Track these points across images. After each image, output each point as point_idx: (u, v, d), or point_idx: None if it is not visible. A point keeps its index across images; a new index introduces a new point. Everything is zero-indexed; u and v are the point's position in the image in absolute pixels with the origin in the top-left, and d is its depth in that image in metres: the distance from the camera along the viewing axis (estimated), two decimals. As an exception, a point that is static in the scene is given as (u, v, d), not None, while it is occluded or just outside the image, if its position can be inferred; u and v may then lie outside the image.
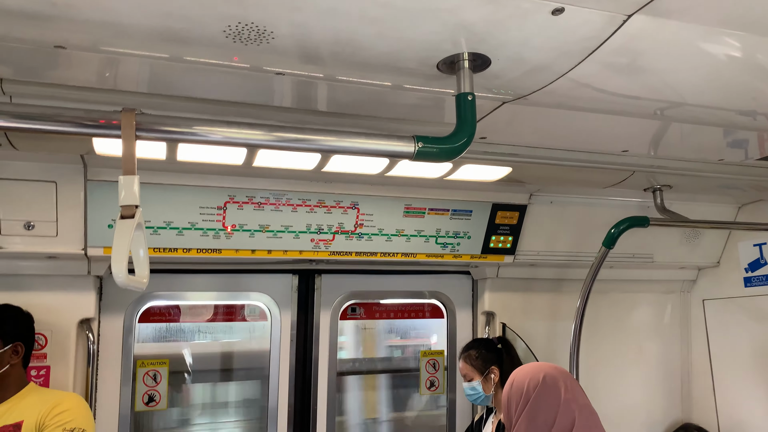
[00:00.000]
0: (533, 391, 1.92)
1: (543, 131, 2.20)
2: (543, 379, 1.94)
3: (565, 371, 2.03)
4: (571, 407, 1.88)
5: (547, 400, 1.90)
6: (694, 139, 2.31)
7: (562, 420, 1.86)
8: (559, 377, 1.97)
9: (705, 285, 3.69)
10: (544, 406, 1.89)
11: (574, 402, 1.90)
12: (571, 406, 1.89)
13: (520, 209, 3.05)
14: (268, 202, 2.67)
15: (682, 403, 3.74)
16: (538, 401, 1.90)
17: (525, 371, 2.02)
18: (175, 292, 3.07)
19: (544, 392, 1.91)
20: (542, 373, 1.97)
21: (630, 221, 2.72)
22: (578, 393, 1.96)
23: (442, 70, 1.56)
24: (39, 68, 1.61)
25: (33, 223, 2.38)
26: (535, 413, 1.89)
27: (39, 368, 2.61)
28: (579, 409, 1.89)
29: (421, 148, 1.56)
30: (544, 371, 1.98)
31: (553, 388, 1.92)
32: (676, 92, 1.81)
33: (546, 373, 1.97)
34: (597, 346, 3.45)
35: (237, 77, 1.67)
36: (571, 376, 2.02)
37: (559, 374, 1.99)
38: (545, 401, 1.90)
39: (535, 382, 1.94)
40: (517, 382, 1.99)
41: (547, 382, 1.93)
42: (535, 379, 1.95)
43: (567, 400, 1.90)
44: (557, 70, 1.62)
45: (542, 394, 1.91)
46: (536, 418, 1.88)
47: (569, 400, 1.90)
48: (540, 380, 1.94)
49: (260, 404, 3.22)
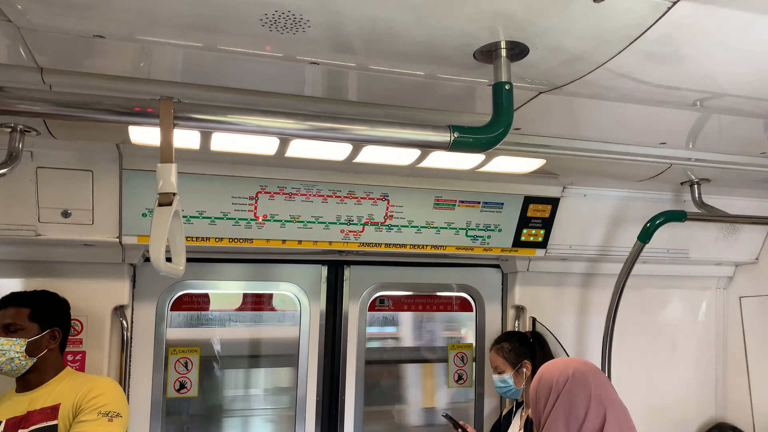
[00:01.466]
0: (563, 387, 1.89)
1: (579, 122, 2.16)
2: (572, 375, 1.91)
3: (594, 366, 2.00)
4: (602, 403, 1.85)
5: (577, 396, 1.86)
6: (735, 131, 2.25)
7: (593, 416, 1.83)
8: (589, 372, 1.93)
9: (742, 282, 3.60)
10: (575, 401, 1.86)
11: (605, 397, 1.87)
12: (602, 401, 1.85)
13: (553, 202, 3.01)
14: (299, 193, 2.68)
15: (717, 401, 3.66)
16: (568, 397, 1.87)
17: (554, 366, 1.99)
18: (207, 281, 3.10)
19: (574, 388, 1.88)
20: (571, 369, 1.93)
21: (666, 215, 2.66)
22: (608, 388, 1.92)
23: (479, 59, 1.54)
24: (78, 58, 1.63)
25: (70, 211, 2.43)
26: (566, 409, 1.85)
27: (75, 353, 2.68)
28: (610, 404, 1.86)
29: (456, 138, 1.54)
30: (573, 366, 1.95)
31: (583, 383, 1.89)
32: (717, 82, 1.76)
33: (575, 369, 1.93)
34: (629, 342, 3.39)
35: (271, 66, 1.67)
36: (600, 372, 1.98)
37: (588, 369, 1.95)
38: (575, 397, 1.86)
39: (565, 378, 1.90)
40: (545, 377, 1.96)
41: (576, 377, 1.90)
42: (565, 375, 1.91)
43: (598, 395, 1.86)
44: (596, 59, 1.58)
45: (572, 389, 1.88)
46: (567, 415, 1.85)
47: (600, 396, 1.86)
48: (569, 375, 1.91)
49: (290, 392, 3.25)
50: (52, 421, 2.26)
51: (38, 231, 2.41)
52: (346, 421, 3.20)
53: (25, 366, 2.31)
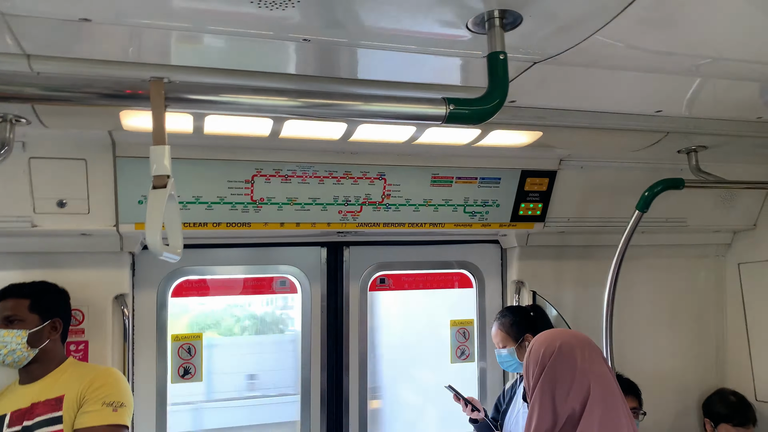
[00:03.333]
0: (549, 360, 1.87)
1: (574, 93, 2.14)
2: (559, 348, 1.88)
3: (585, 339, 1.97)
4: (586, 376, 1.82)
5: (562, 369, 1.85)
6: (731, 96, 2.23)
7: (578, 389, 1.81)
8: (576, 345, 1.91)
9: (741, 248, 3.60)
10: (560, 375, 1.84)
11: (591, 371, 1.84)
12: (587, 375, 1.83)
13: (550, 175, 3.00)
14: (295, 175, 2.66)
15: (717, 368, 3.69)
16: (554, 370, 1.85)
17: (542, 339, 1.97)
18: (206, 267, 3.10)
19: (560, 361, 1.86)
20: (559, 341, 1.91)
21: (664, 183, 2.65)
22: (596, 362, 1.89)
23: (473, 30, 1.52)
24: (65, 43, 1.60)
25: (65, 200, 2.41)
26: (551, 382, 1.84)
27: (78, 343, 2.68)
28: (595, 378, 1.83)
29: (452, 110, 1.52)
30: (561, 339, 1.93)
31: (568, 356, 1.86)
32: (712, 46, 1.74)
33: (563, 341, 1.91)
34: (630, 312, 3.41)
35: (262, 45, 1.64)
36: (591, 344, 1.95)
37: (577, 342, 1.93)
38: (560, 370, 1.85)
39: (551, 351, 1.89)
40: (534, 349, 1.95)
41: (563, 350, 1.88)
42: (551, 348, 1.89)
43: (583, 369, 1.84)
44: (590, 26, 1.56)
45: (557, 362, 1.86)
46: (552, 387, 1.84)
47: (585, 370, 1.84)
48: (556, 348, 1.89)
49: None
50: (57, 413, 2.26)
51: (34, 222, 2.40)
52: (351, 400, 3.22)
53: (27, 357, 2.31)
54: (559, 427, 1.81)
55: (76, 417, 2.26)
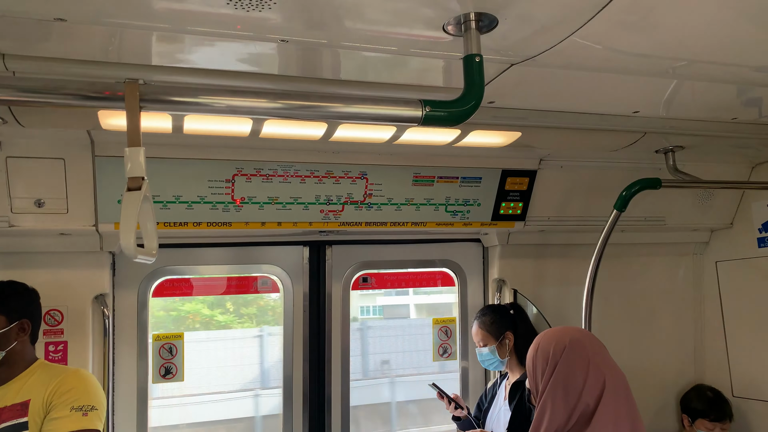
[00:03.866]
0: (561, 355, 1.84)
1: (552, 94, 2.16)
2: (569, 343, 1.86)
3: (589, 333, 1.97)
4: (600, 370, 1.81)
5: (575, 364, 1.82)
6: (707, 97, 2.26)
7: (592, 383, 1.79)
8: (585, 340, 1.90)
9: (718, 247, 3.66)
10: (573, 370, 1.82)
11: (603, 364, 1.84)
12: (600, 368, 1.82)
13: (530, 175, 3.02)
14: (276, 174, 2.66)
15: (695, 364, 3.74)
16: (566, 366, 1.83)
17: (549, 335, 1.95)
18: (188, 266, 3.09)
19: (572, 356, 1.84)
20: (568, 337, 1.89)
21: (641, 183, 2.68)
22: (605, 355, 1.89)
23: (449, 32, 1.53)
24: (41, 42, 1.59)
25: (43, 200, 2.39)
26: (564, 378, 1.82)
27: (57, 343, 2.65)
28: (608, 371, 1.83)
29: (428, 112, 1.54)
30: (569, 334, 1.91)
31: (580, 351, 1.85)
32: (688, 49, 1.77)
33: (572, 337, 1.90)
34: (609, 310, 3.44)
35: (241, 46, 1.64)
36: (596, 339, 1.94)
37: (585, 337, 1.92)
38: (573, 365, 1.82)
39: (562, 346, 1.86)
40: (542, 347, 1.92)
41: (573, 345, 1.86)
42: (561, 343, 1.87)
43: (596, 363, 1.83)
44: (566, 29, 1.58)
45: (569, 358, 1.83)
46: (565, 383, 1.81)
47: (598, 363, 1.83)
48: (567, 344, 1.86)
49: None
50: (23, 418, 2.14)
51: (12, 222, 2.37)
52: (333, 399, 3.23)
53: None
54: (572, 424, 1.79)
55: (43, 423, 2.14)
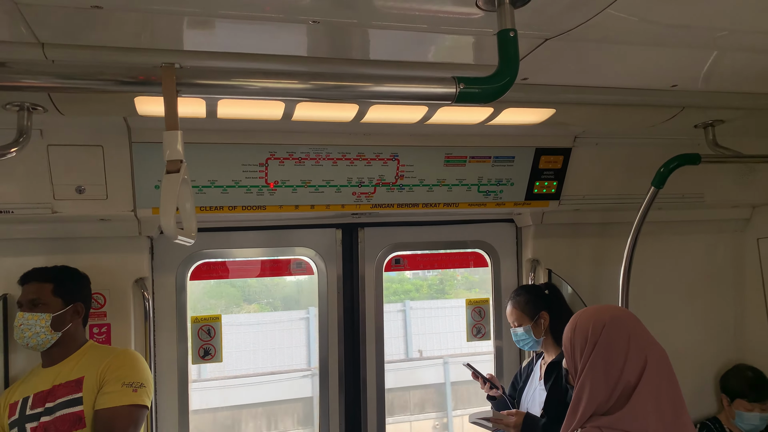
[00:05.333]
0: (600, 334, 1.83)
1: (587, 69, 2.12)
2: (610, 320, 1.85)
3: (628, 311, 1.95)
4: (641, 347, 1.80)
5: (615, 342, 1.81)
6: (749, 69, 2.19)
7: (633, 361, 1.78)
8: (625, 317, 1.89)
9: (760, 223, 3.56)
10: (614, 347, 1.80)
11: (644, 341, 1.83)
12: (641, 346, 1.81)
13: (565, 152, 2.98)
14: (308, 157, 2.67)
15: (736, 344, 3.66)
16: (607, 343, 1.81)
17: (588, 314, 1.94)
18: (223, 250, 3.14)
19: (613, 333, 1.82)
20: (607, 315, 1.88)
21: (680, 159, 2.62)
22: (645, 332, 1.87)
23: (482, 7, 1.51)
24: (78, 30, 1.62)
25: (83, 186, 2.45)
26: (605, 356, 1.80)
27: (100, 326, 2.74)
28: (650, 348, 1.82)
29: (462, 89, 1.52)
30: (609, 312, 1.90)
31: (620, 328, 1.83)
32: (729, 18, 1.71)
33: (612, 314, 1.88)
34: (647, 289, 3.39)
35: (272, 28, 1.64)
36: (634, 316, 1.92)
37: (624, 314, 1.91)
38: (614, 342, 1.81)
39: (601, 324, 1.85)
40: (580, 325, 1.90)
41: (614, 322, 1.85)
42: (601, 321, 1.86)
43: (636, 339, 1.82)
44: (602, 1, 1.54)
45: (610, 335, 1.82)
46: (605, 362, 1.80)
47: (639, 340, 1.82)
48: (606, 322, 1.85)
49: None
50: (77, 394, 2.32)
51: (54, 208, 2.44)
52: (368, 380, 3.26)
53: (50, 340, 2.37)
54: (613, 401, 1.78)
55: (96, 398, 2.31)
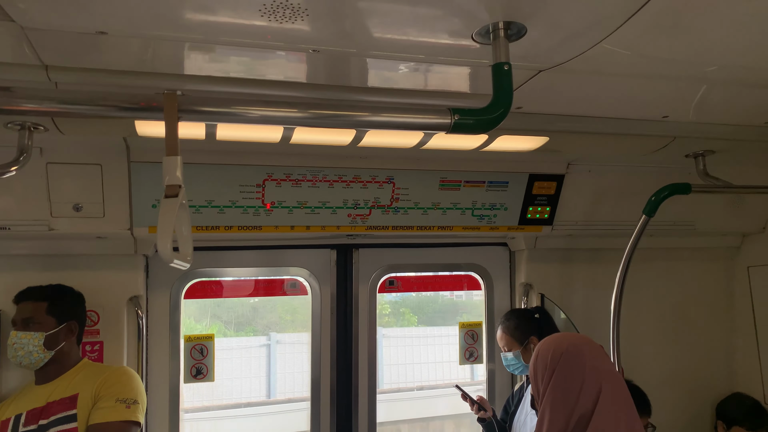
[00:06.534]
0: (558, 361, 1.90)
1: (580, 99, 2.16)
2: (567, 349, 1.92)
3: (588, 339, 2.01)
4: (597, 375, 1.86)
5: (572, 370, 1.88)
6: (739, 101, 2.24)
7: (588, 388, 1.84)
8: (583, 345, 1.95)
9: (750, 251, 3.60)
10: (570, 375, 1.87)
11: (600, 369, 1.88)
12: (597, 373, 1.87)
13: (558, 179, 3.02)
14: (305, 179, 2.70)
15: (727, 372, 3.68)
16: (564, 371, 1.88)
17: (548, 342, 2.00)
18: (218, 269, 3.15)
19: (569, 362, 1.89)
20: (566, 343, 1.95)
21: (671, 188, 2.66)
22: (604, 360, 1.94)
23: (478, 41, 1.55)
24: (82, 54, 1.65)
25: (81, 204, 2.47)
26: (562, 383, 1.87)
27: (93, 344, 2.74)
28: (605, 375, 1.88)
29: (457, 120, 1.56)
30: (567, 341, 1.97)
31: (577, 356, 1.90)
32: (719, 53, 1.76)
33: (570, 343, 1.95)
34: (639, 315, 3.42)
35: (273, 56, 1.68)
36: (595, 344, 1.99)
37: (583, 343, 1.97)
38: (570, 371, 1.88)
39: (560, 352, 1.92)
40: (541, 353, 1.98)
41: (570, 351, 1.91)
42: (559, 350, 1.93)
43: (593, 367, 1.88)
44: (596, 35, 1.58)
45: (567, 363, 1.89)
46: (563, 388, 1.87)
47: (595, 368, 1.88)
48: (564, 350, 1.92)
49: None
50: (71, 411, 2.32)
51: (51, 225, 2.46)
52: (360, 402, 3.25)
53: (44, 359, 2.37)
54: (571, 428, 1.83)
55: (90, 413, 2.32)
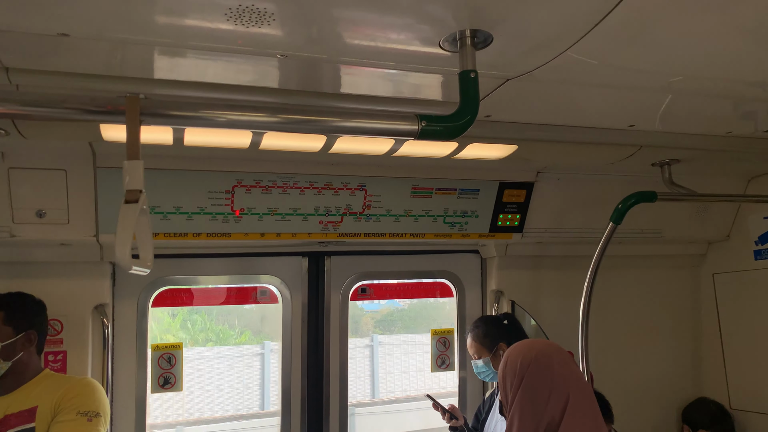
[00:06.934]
0: (527, 369, 1.91)
1: (548, 108, 2.19)
2: (536, 357, 1.93)
3: (557, 346, 2.03)
4: (565, 382, 1.88)
5: (541, 377, 1.89)
6: (703, 112, 2.29)
7: (557, 396, 1.86)
8: (552, 353, 1.96)
9: (715, 259, 3.68)
10: (539, 383, 1.89)
11: (568, 377, 1.91)
12: (565, 381, 1.89)
13: (528, 187, 3.05)
14: (275, 185, 2.68)
15: (693, 377, 3.75)
16: (533, 379, 1.90)
17: (517, 350, 2.02)
18: (187, 277, 3.10)
19: (538, 369, 1.91)
20: (534, 351, 1.96)
21: (637, 196, 2.70)
22: (571, 367, 1.96)
23: (445, 48, 1.56)
24: (44, 56, 1.62)
25: (44, 210, 2.42)
26: (530, 391, 1.89)
27: (56, 353, 2.67)
28: (573, 383, 1.90)
29: (424, 126, 1.56)
30: (536, 348, 1.98)
31: (546, 364, 1.92)
32: (683, 64, 1.79)
33: (538, 351, 1.96)
34: (607, 322, 3.46)
35: (241, 60, 1.67)
36: (563, 351, 2.01)
37: (552, 350, 1.99)
38: (539, 378, 1.89)
39: (528, 360, 1.93)
40: (510, 360, 1.99)
41: (539, 359, 1.93)
42: (528, 357, 1.94)
43: (561, 374, 1.90)
44: (561, 44, 1.60)
45: (536, 371, 1.90)
46: (531, 396, 1.88)
47: (563, 375, 1.90)
48: (533, 358, 1.93)
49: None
50: (30, 424, 2.21)
51: (13, 232, 2.40)
52: (331, 412, 3.23)
53: (1, 370, 2.28)
54: None
55: (49, 427, 2.22)
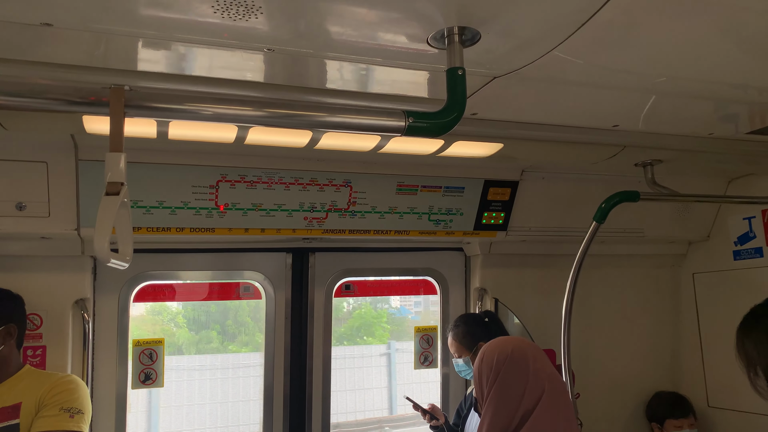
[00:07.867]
0: (503, 365, 1.96)
1: (534, 106, 2.20)
2: (511, 353, 1.98)
3: (531, 343, 2.09)
4: (540, 377, 1.93)
5: (516, 373, 1.94)
6: (685, 113, 2.31)
7: (532, 390, 1.91)
8: (527, 349, 2.01)
9: (695, 259, 3.72)
10: (514, 379, 1.93)
11: (543, 372, 1.95)
12: (539, 376, 1.93)
13: (512, 185, 3.06)
14: (260, 181, 2.67)
15: (673, 375, 3.80)
16: (508, 374, 1.94)
17: (493, 346, 2.06)
18: (170, 272, 3.07)
19: (514, 365, 1.95)
20: (510, 347, 2.01)
21: (620, 196, 2.73)
22: (546, 363, 2.00)
23: (433, 45, 1.56)
24: (27, 46, 1.59)
25: (24, 203, 2.38)
26: (506, 386, 1.93)
27: (35, 348, 2.63)
28: (547, 378, 1.94)
29: (411, 123, 1.56)
30: (512, 345, 2.03)
31: (521, 360, 1.96)
32: (667, 65, 1.81)
33: (514, 347, 2.01)
34: (589, 320, 3.49)
35: (228, 54, 1.65)
36: (538, 348, 2.06)
37: (527, 346, 2.04)
38: (515, 374, 1.94)
39: (504, 356, 1.97)
40: (486, 357, 2.03)
41: (515, 355, 1.97)
42: (504, 353, 1.98)
43: (536, 370, 1.94)
44: (548, 43, 1.61)
45: (512, 367, 1.95)
46: (506, 391, 1.92)
47: (538, 371, 1.94)
48: (509, 354, 1.98)
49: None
50: (14, 420, 2.21)
51: (-8, 225, 2.36)
52: (314, 408, 3.22)
53: None
54: (513, 428, 1.89)
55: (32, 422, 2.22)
